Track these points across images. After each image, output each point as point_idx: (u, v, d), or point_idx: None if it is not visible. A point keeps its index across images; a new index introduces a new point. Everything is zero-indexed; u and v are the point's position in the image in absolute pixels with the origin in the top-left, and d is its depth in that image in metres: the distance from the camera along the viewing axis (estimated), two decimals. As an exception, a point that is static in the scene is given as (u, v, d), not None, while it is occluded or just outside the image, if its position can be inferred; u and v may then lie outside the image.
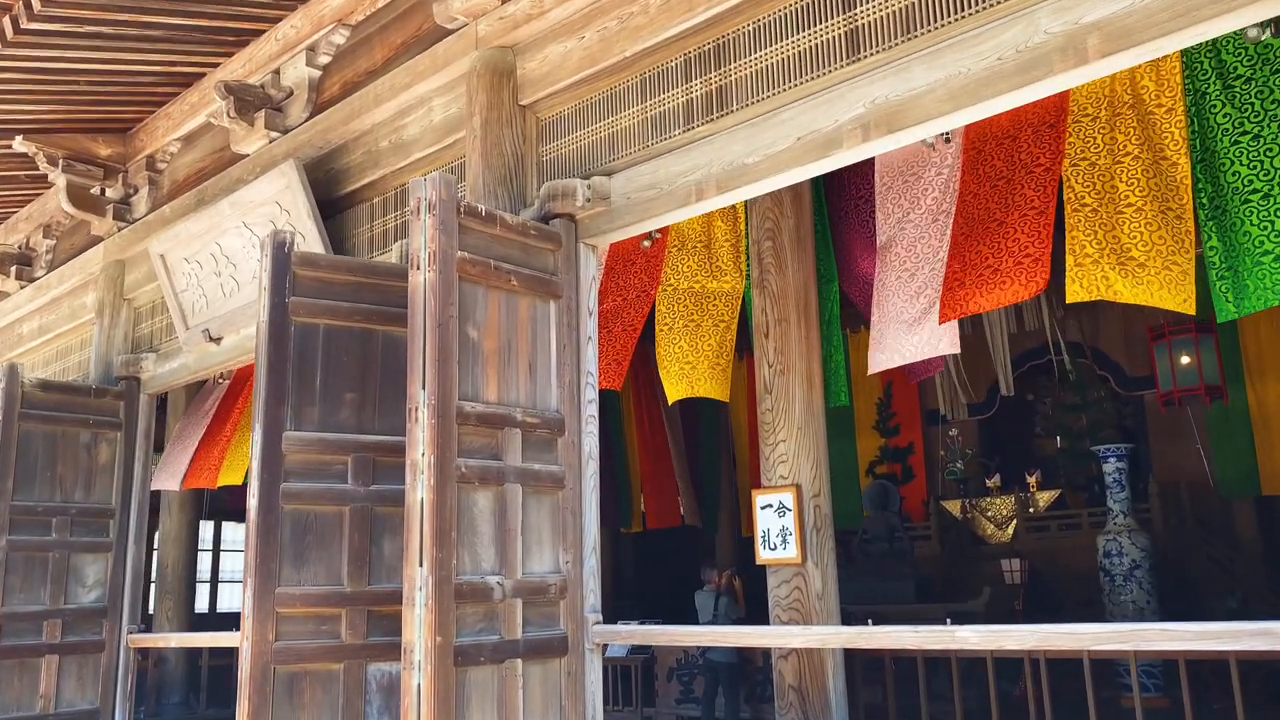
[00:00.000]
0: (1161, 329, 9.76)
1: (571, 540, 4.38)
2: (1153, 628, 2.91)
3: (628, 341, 7.08)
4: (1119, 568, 9.21)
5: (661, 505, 13.28)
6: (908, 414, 12.31)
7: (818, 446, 6.06)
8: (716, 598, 8.29)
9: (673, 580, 15.79)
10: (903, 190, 6.08)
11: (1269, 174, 4.80)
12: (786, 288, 6.18)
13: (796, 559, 5.87)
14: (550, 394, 4.43)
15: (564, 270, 4.56)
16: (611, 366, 7.06)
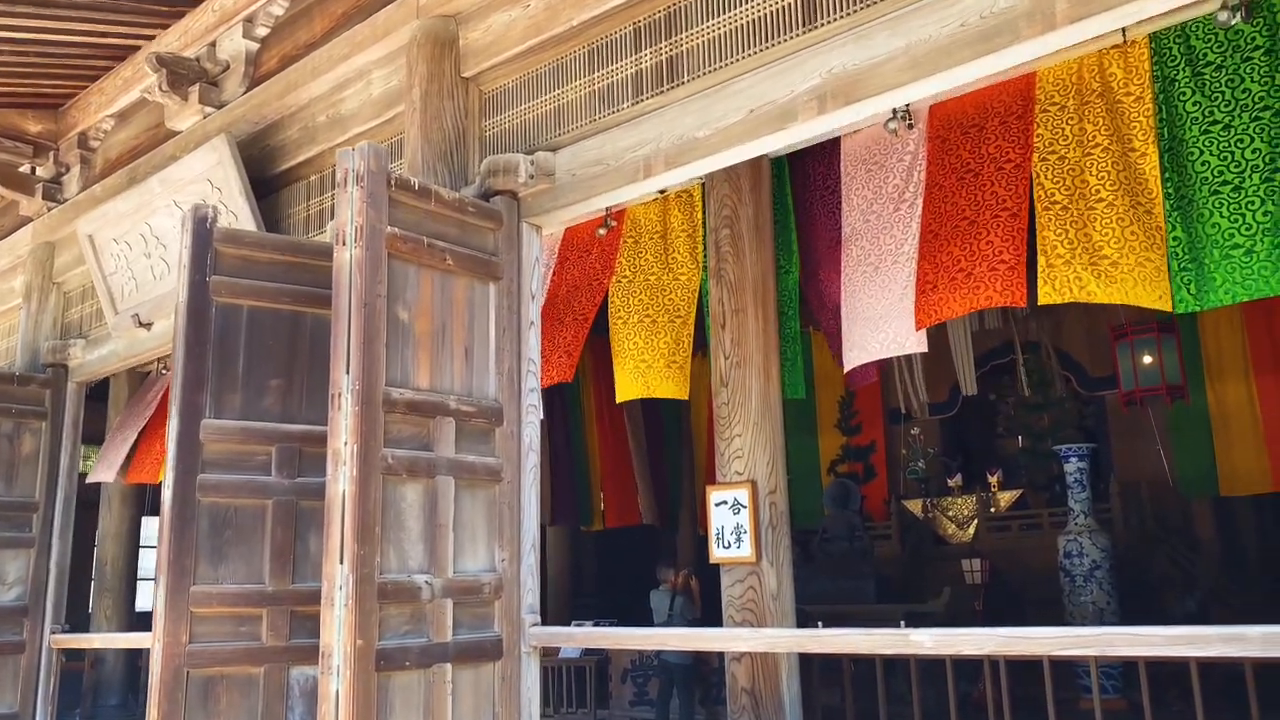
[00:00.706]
0: (1124, 328, 9.61)
1: (508, 537, 4.09)
2: (1118, 632, 2.68)
3: (579, 332, 6.80)
4: (1079, 568, 9.05)
5: (621, 504, 13.01)
6: (870, 412, 12.11)
7: (774, 441, 5.80)
8: (672, 598, 8.03)
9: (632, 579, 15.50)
10: (866, 180, 5.85)
11: (1239, 165, 4.61)
12: (744, 277, 5.91)
13: (751, 558, 5.61)
14: (488, 381, 4.14)
15: (505, 250, 4.28)
16: (562, 358, 6.77)
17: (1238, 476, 10.11)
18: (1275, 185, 4.52)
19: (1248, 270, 4.48)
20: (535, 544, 4.18)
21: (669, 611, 7.91)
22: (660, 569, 8.41)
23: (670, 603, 7.98)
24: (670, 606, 7.96)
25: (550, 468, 12.67)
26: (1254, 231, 4.50)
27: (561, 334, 6.81)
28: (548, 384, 6.83)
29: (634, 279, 6.70)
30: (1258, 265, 4.47)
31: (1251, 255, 4.49)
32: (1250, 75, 4.66)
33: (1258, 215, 4.51)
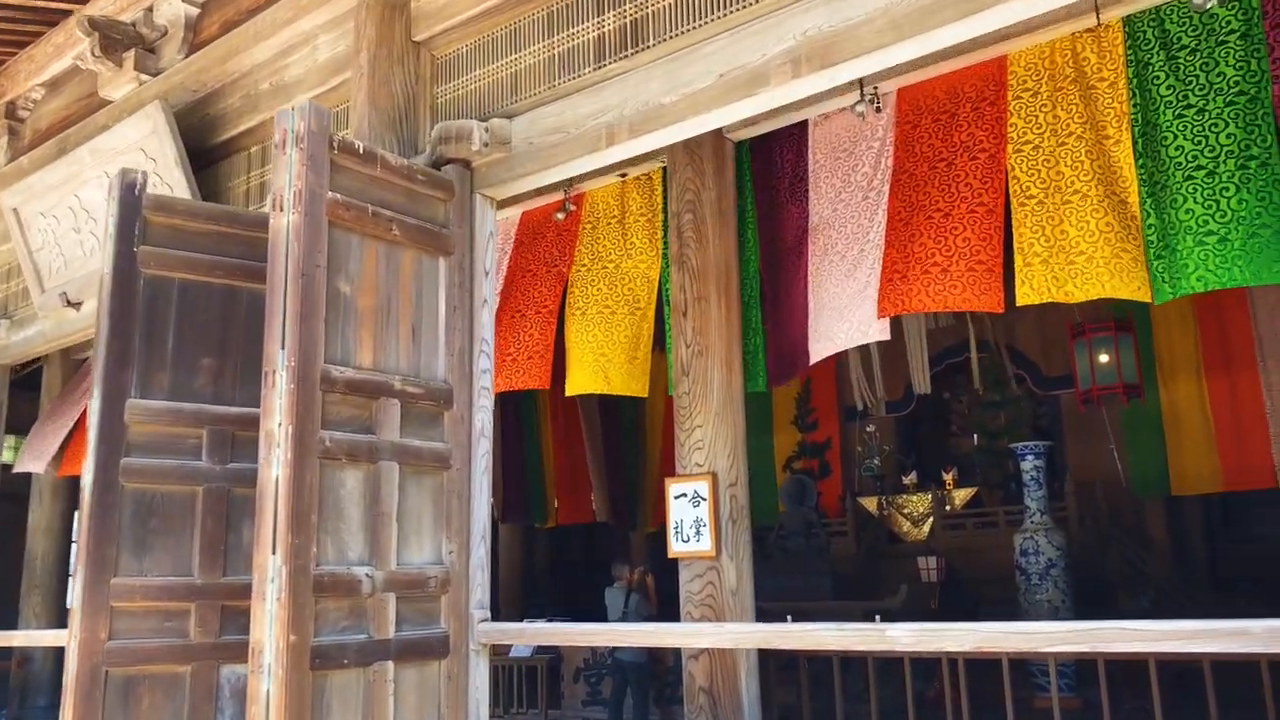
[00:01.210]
0: (1082, 327, 9.54)
1: (457, 527, 3.80)
2: (1113, 626, 2.47)
3: (546, 329, 6.50)
4: (1035, 566, 8.95)
5: (573, 501, 12.72)
6: (826, 409, 11.96)
7: (736, 433, 5.58)
8: (627, 595, 7.77)
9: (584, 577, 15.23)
10: (834, 168, 5.65)
11: (1214, 150, 4.47)
12: (707, 264, 5.68)
13: (710, 552, 5.38)
14: (436, 361, 3.85)
15: (456, 223, 3.99)
16: (533, 360, 6.47)
17: (1188, 476, 10.08)
18: (1250, 171, 4.38)
19: (1221, 258, 4.34)
20: (486, 536, 3.89)
21: (624, 609, 7.65)
22: (615, 566, 8.15)
23: (625, 600, 7.73)
24: (625, 604, 7.71)
25: (502, 464, 12.36)
26: (1228, 219, 4.36)
27: (527, 332, 6.52)
28: (520, 387, 6.55)
29: (591, 267, 6.44)
30: (1231, 253, 4.33)
31: (1225, 243, 4.35)
32: (1225, 59, 4.52)
33: (1232, 202, 4.37)
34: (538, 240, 6.83)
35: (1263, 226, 4.28)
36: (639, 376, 6.09)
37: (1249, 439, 9.79)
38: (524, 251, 6.87)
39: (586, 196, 6.59)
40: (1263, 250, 4.24)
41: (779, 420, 12.06)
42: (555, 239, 6.74)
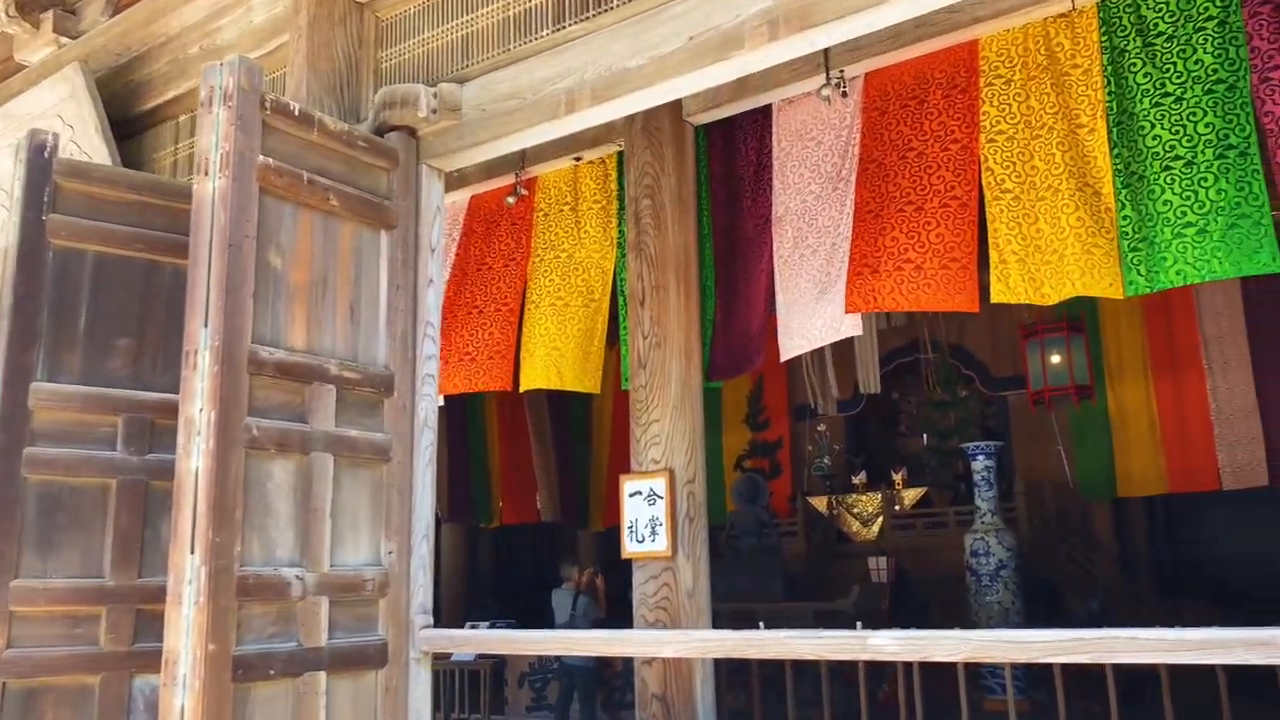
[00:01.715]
0: (1034, 327, 9.47)
1: (397, 525, 3.47)
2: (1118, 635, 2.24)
3: (507, 327, 6.13)
4: (985, 567, 8.84)
5: (519, 500, 12.39)
6: (777, 408, 11.77)
7: (694, 428, 5.31)
8: (575, 596, 7.47)
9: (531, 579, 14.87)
10: (801, 156, 5.40)
11: (1192, 139, 4.31)
12: (666, 251, 5.41)
13: (666, 552, 5.11)
14: (377, 344, 3.51)
15: (401, 194, 3.66)
16: (494, 360, 6.13)
17: (1134, 478, 10.08)
18: (1228, 161, 4.23)
19: (1200, 250, 4.18)
20: (429, 534, 3.57)
21: (571, 611, 7.35)
22: (564, 566, 7.84)
23: (573, 602, 7.42)
24: (573, 606, 7.40)
25: (448, 462, 11.97)
26: (1207, 210, 4.21)
27: (486, 330, 6.18)
28: (482, 389, 6.21)
29: (545, 257, 6.13)
30: (1210, 245, 4.18)
31: (1204, 235, 4.19)
32: (1203, 46, 4.37)
33: (1210, 192, 4.22)
34: (492, 230, 6.49)
35: (1242, 217, 4.13)
36: (593, 371, 5.80)
37: (1194, 441, 9.79)
38: (477, 242, 6.52)
39: (539, 181, 6.28)
40: (1242, 241, 4.09)
41: (730, 419, 11.85)
42: (510, 229, 6.41)
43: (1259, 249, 4.02)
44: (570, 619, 7.30)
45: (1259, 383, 9.44)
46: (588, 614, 7.40)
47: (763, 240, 5.50)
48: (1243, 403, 9.53)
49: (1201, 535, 12.37)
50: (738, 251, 5.60)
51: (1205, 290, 9.87)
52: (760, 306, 5.48)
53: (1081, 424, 10.29)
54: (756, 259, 5.55)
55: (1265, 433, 9.40)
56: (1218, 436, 9.59)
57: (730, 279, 5.62)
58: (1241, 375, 9.59)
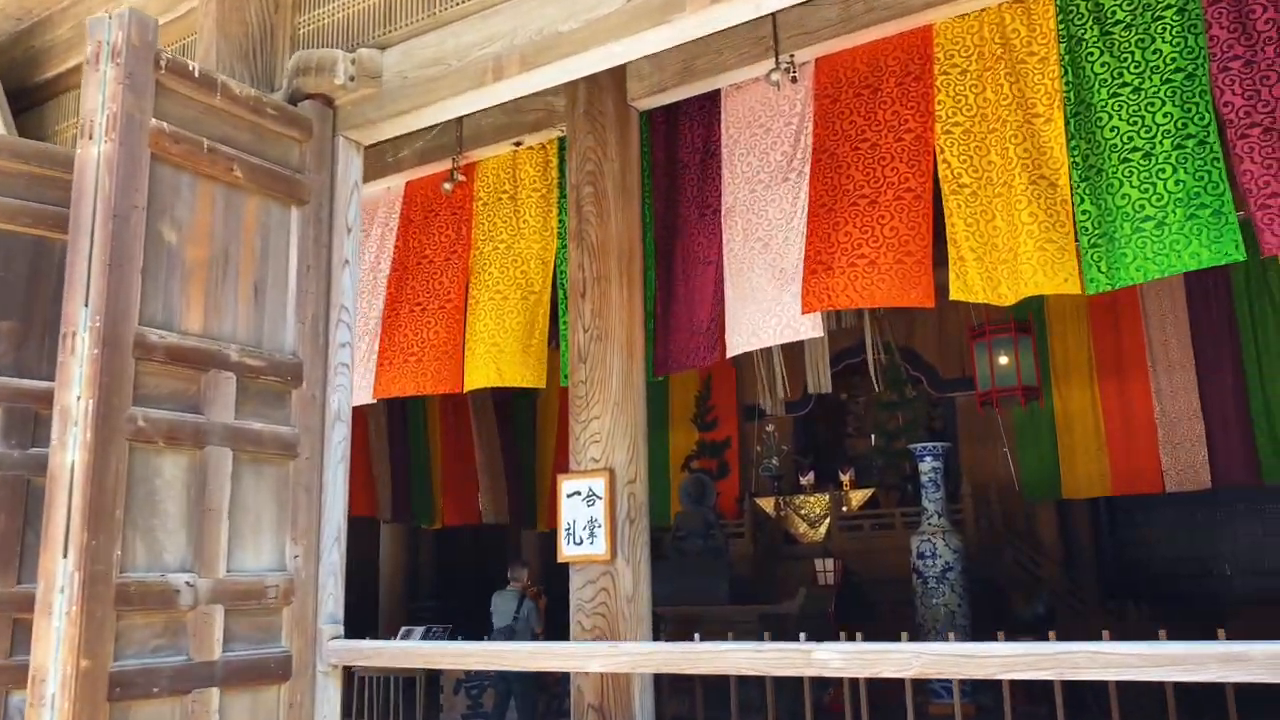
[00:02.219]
0: (982, 328, 9.37)
1: (305, 527, 3.16)
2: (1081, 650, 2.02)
3: (453, 326, 5.82)
4: (932, 570, 8.70)
5: (461, 500, 12.05)
6: (725, 407, 11.56)
7: (636, 425, 5.05)
8: (521, 600, 7.13)
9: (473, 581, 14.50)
10: (751, 145, 5.18)
11: (1149, 130, 4.16)
12: (608, 241, 5.14)
13: (605, 555, 4.84)
14: (284, 329, 3.20)
15: (314, 168, 3.35)
16: (441, 361, 5.80)
17: (1079, 480, 10.03)
18: (1187, 152, 4.08)
19: (1159, 244, 4.03)
20: (340, 537, 3.26)
21: (515, 614, 7.00)
22: (513, 567, 7.46)
23: (518, 606, 7.07)
24: (518, 609, 7.05)
25: (390, 461, 11.59)
26: (1165, 202, 4.06)
27: (431, 328, 5.85)
28: (430, 392, 5.89)
29: (483, 249, 5.83)
30: (1169, 239, 4.03)
31: (1163, 228, 4.04)
32: (1161, 35, 4.22)
33: (1169, 184, 4.07)
34: (431, 220, 6.18)
35: (1201, 207, 3.99)
36: (534, 366, 5.51)
37: (1138, 444, 9.77)
38: (416, 233, 6.20)
39: (478, 168, 5.98)
40: (1201, 231, 3.95)
41: (677, 418, 11.62)
42: (450, 219, 6.11)
43: (1219, 238, 3.88)
44: (513, 623, 6.98)
45: (1202, 385, 9.45)
46: (531, 620, 7.09)
47: (711, 232, 5.27)
48: (1186, 405, 9.53)
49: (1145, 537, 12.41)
50: (683, 243, 5.36)
51: (1151, 292, 9.86)
52: (707, 301, 5.25)
53: (1027, 426, 10.24)
54: (705, 252, 5.31)
55: (1207, 435, 9.41)
56: (1161, 439, 9.58)
57: (676, 271, 5.38)
58: (1185, 378, 9.58)
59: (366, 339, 6.09)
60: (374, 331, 6.10)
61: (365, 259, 6.35)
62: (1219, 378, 9.37)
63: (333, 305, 3.32)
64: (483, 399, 12.19)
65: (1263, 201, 3.90)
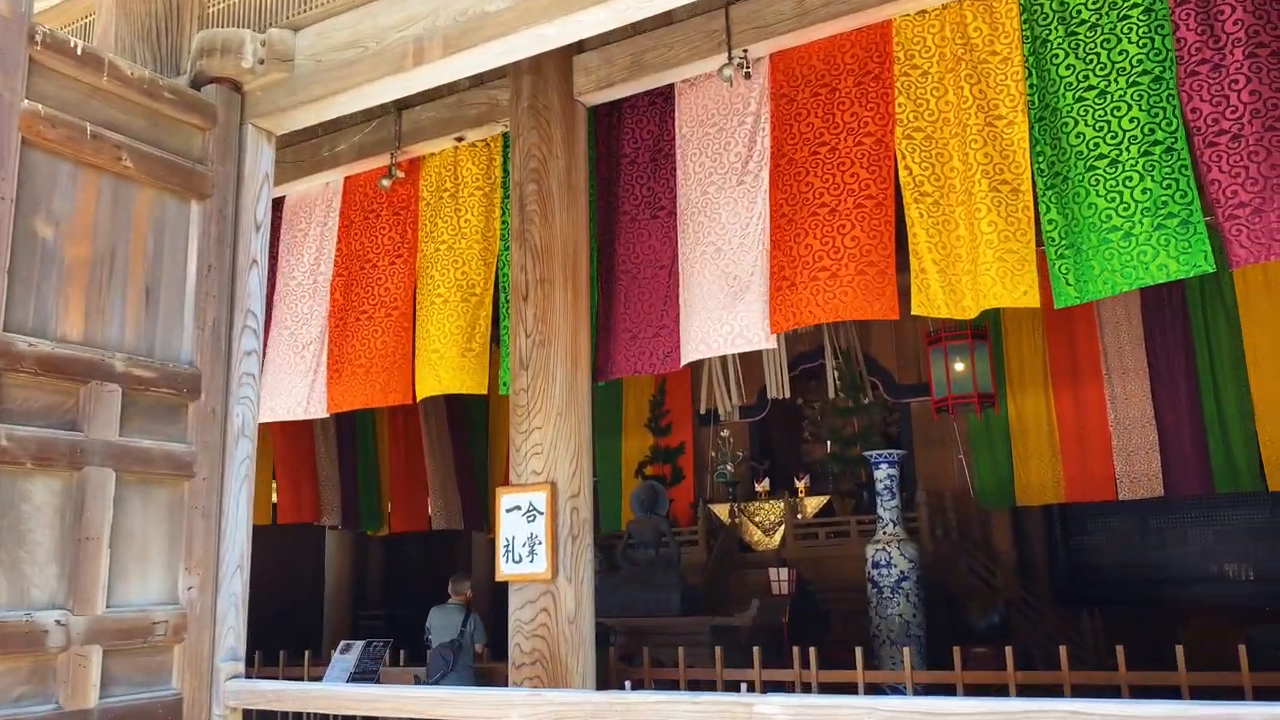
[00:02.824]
0: (938, 334, 9.19)
1: (202, 554, 2.83)
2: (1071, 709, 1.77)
3: (401, 334, 5.46)
4: (887, 579, 8.50)
5: (410, 506, 11.66)
6: (680, 412, 11.29)
7: (580, 436, 4.76)
8: (465, 615, 6.77)
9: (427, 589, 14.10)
10: (703, 145, 4.91)
11: (1115, 136, 3.96)
12: (552, 242, 4.85)
13: (546, 574, 4.55)
14: (180, 336, 2.87)
15: (219, 159, 3.01)
16: (390, 373, 5.47)
17: (1032, 487, 9.91)
18: (1154, 159, 3.88)
19: (1126, 256, 3.82)
20: (244, 564, 2.94)
21: (461, 629, 6.61)
22: (455, 580, 7.05)
23: (464, 620, 6.69)
24: (463, 624, 6.65)
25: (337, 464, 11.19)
26: (1132, 211, 3.85)
27: (379, 338, 5.51)
28: (380, 404, 5.56)
29: (426, 250, 5.52)
30: (1137, 250, 3.82)
31: (1130, 239, 3.83)
32: (1128, 36, 4.01)
33: (1136, 193, 3.86)
34: (373, 222, 5.83)
35: (1169, 216, 3.79)
36: (474, 371, 5.20)
37: (1092, 451, 9.65)
38: (358, 236, 5.86)
39: (423, 166, 5.66)
40: (1169, 242, 3.75)
41: (630, 423, 11.33)
42: (393, 220, 5.77)
43: (1188, 249, 3.68)
44: (459, 637, 6.61)
45: (1156, 393, 9.35)
46: (478, 635, 6.73)
47: (665, 234, 4.99)
48: (1140, 412, 9.43)
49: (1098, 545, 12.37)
50: (633, 244, 5.07)
51: (1106, 299, 9.77)
52: (659, 306, 4.97)
53: (982, 433, 10.09)
54: (656, 254, 5.03)
55: (1161, 443, 9.32)
56: (1115, 446, 9.47)
57: (623, 272, 5.09)
58: (1139, 385, 9.48)
59: (312, 347, 5.75)
60: (320, 340, 5.77)
61: (304, 260, 6.00)
62: (1173, 386, 9.28)
63: (238, 309, 2.99)
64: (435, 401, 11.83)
65: (1230, 212, 3.71)
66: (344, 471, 11.21)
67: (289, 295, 5.96)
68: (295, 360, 5.80)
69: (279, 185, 6.05)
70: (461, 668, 6.48)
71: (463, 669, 6.48)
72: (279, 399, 5.76)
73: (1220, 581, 11.70)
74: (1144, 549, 12.16)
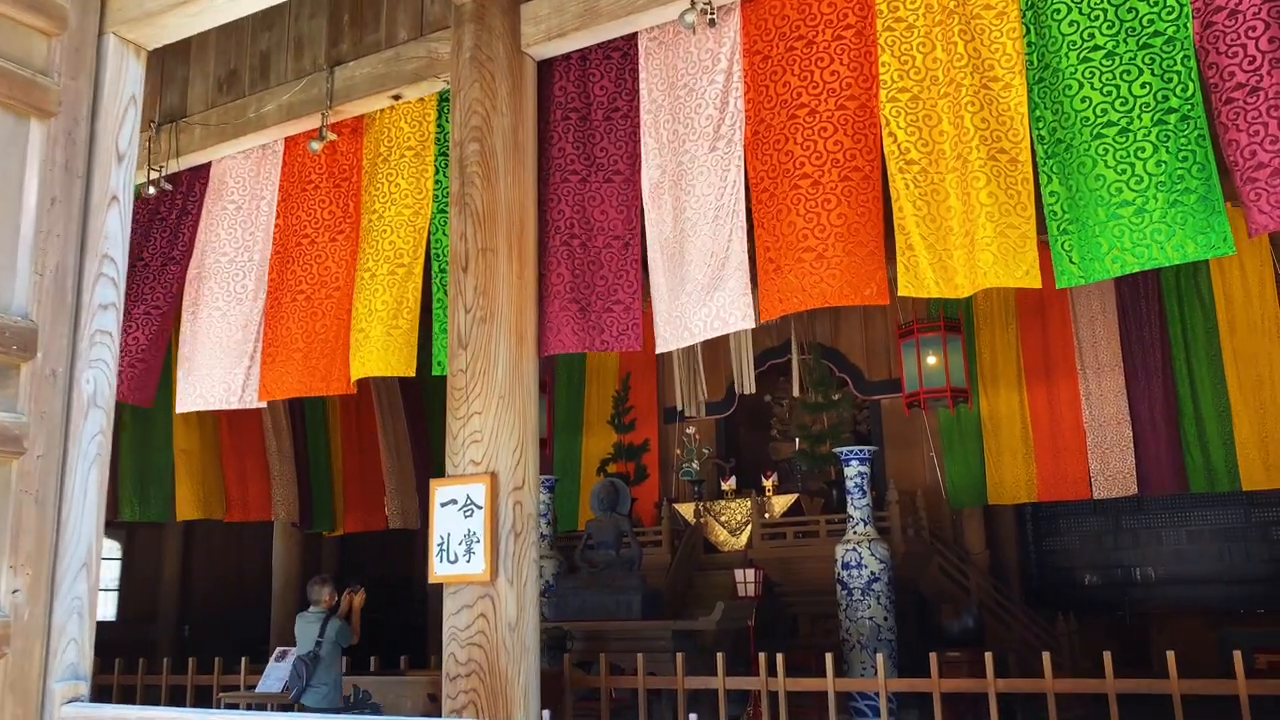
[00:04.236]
0: (910, 327, 8.74)
1: (32, 550, 2.25)
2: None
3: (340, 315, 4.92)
4: (857, 580, 8.02)
5: (365, 504, 11.04)
6: (645, 408, 10.77)
7: (525, 422, 4.23)
8: (323, 623, 5.93)
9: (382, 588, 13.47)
10: (672, 108, 4.41)
11: (1126, 103, 3.50)
12: (496, 206, 4.32)
13: (484, 575, 4.02)
14: (12, 282, 2.30)
15: (69, 71, 2.44)
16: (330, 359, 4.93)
17: (1005, 486, 9.50)
18: (1169, 127, 3.43)
19: (1139, 234, 3.38)
20: (92, 562, 2.36)
21: (318, 639, 5.83)
22: (312, 586, 6.20)
23: (321, 628, 5.89)
24: (320, 633, 5.87)
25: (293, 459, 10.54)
26: (1145, 185, 3.41)
27: (319, 320, 4.95)
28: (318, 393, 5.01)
29: (365, 222, 4.97)
30: (1150, 228, 3.37)
31: (1143, 215, 3.39)
32: None
33: (1149, 165, 3.41)
34: (311, 194, 5.27)
35: (1185, 192, 3.35)
36: (400, 351, 4.66)
37: (1066, 449, 9.23)
38: (295, 210, 5.29)
39: (365, 129, 5.10)
40: (1186, 220, 3.32)
41: (592, 419, 10.80)
42: (334, 192, 5.20)
43: (1206, 228, 3.25)
44: (315, 648, 5.81)
45: (1131, 390, 8.96)
46: (340, 639, 5.91)
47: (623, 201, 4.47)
48: (1114, 409, 9.02)
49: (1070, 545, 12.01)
50: (585, 209, 4.53)
51: (1081, 291, 9.34)
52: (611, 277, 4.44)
53: (954, 430, 9.66)
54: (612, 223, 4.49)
55: (1135, 441, 8.92)
56: (1090, 444, 9.07)
57: (574, 241, 4.54)
58: (1114, 382, 9.08)
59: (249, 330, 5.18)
60: (257, 321, 5.20)
61: (236, 234, 5.42)
62: (1148, 382, 8.89)
63: (90, 254, 2.42)
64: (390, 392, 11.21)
65: (1249, 174, 3.26)
66: (298, 468, 10.56)
67: (219, 271, 5.37)
68: (227, 342, 5.23)
69: (201, 150, 5.51)
70: (318, 682, 5.79)
71: (320, 684, 5.80)
72: (209, 385, 5.18)
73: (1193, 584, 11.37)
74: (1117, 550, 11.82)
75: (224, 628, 11.51)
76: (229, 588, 12.45)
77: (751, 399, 11.20)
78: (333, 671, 5.90)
